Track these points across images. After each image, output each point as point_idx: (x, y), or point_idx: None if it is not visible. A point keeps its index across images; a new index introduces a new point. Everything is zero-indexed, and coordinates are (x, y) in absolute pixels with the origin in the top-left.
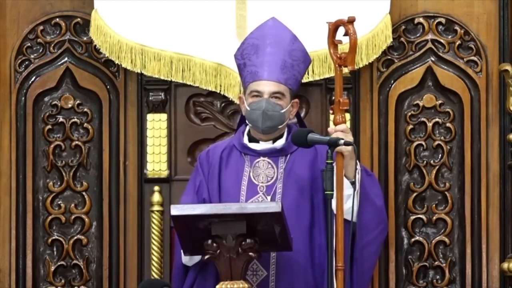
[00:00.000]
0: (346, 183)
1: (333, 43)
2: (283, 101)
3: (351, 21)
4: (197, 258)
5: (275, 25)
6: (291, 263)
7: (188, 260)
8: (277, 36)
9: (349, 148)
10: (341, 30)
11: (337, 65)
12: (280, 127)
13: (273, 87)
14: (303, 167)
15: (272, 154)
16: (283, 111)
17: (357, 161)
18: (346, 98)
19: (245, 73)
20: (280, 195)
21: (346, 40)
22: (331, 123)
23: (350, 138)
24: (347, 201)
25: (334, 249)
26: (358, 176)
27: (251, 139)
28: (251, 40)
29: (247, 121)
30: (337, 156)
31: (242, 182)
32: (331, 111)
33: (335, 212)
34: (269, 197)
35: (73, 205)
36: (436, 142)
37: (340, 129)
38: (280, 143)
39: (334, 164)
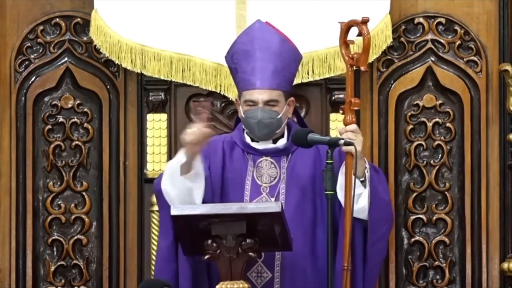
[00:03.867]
0: (356, 182)
1: (345, 43)
2: (278, 107)
3: (365, 21)
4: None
5: (262, 27)
6: (296, 266)
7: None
8: (265, 40)
9: (359, 148)
10: (351, 30)
11: (348, 65)
12: (277, 131)
13: (266, 95)
14: (305, 166)
15: (275, 153)
16: (279, 116)
17: (365, 159)
18: (358, 98)
19: (237, 79)
20: (284, 195)
21: (355, 39)
22: (331, 123)
23: (360, 138)
24: (358, 201)
25: (339, 248)
26: (367, 175)
27: (252, 138)
28: (240, 45)
29: (244, 127)
30: (346, 156)
31: (246, 182)
32: (341, 111)
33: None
34: (272, 199)
35: (73, 205)
36: (436, 142)
37: (350, 129)
38: (282, 142)
39: (334, 164)
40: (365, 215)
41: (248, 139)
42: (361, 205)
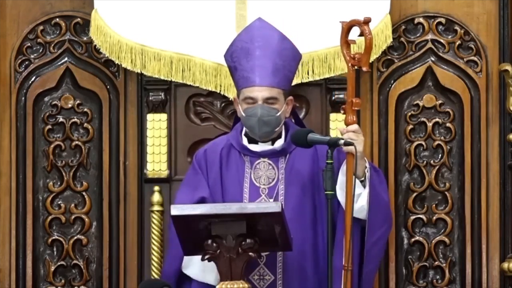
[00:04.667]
0: (356, 182)
1: (346, 43)
2: (277, 104)
3: (367, 21)
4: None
5: (262, 25)
6: (297, 267)
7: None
8: (266, 38)
9: (360, 148)
10: (352, 30)
11: (350, 65)
12: (276, 129)
13: (266, 92)
14: (304, 164)
15: (273, 155)
16: (278, 114)
17: (366, 159)
18: (359, 99)
19: (237, 77)
20: (283, 196)
21: (357, 39)
22: (331, 123)
23: (361, 138)
24: (357, 200)
25: (337, 248)
26: (367, 174)
27: (250, 140)
28: (240, 43)
29: (243, 126)
30: (347, 156)
31: (244, 185)
32: (342, 111)
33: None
34: (271, 200)
35: (73, 205)
36: (436, 142)
37: (351, 129)
38: (280, 143)
39: (334, 164)
40: (363, 215)
41: (245, 141)
42: (360, 204)
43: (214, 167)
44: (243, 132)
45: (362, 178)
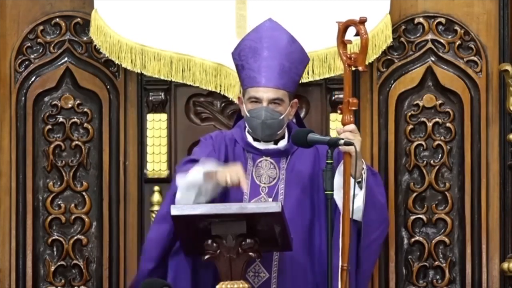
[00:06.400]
0: (352, 182)
1: (342, 42)
2: (281, 107)
3: (362, 21)
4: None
5: (272, 26)
6: (293, 265)
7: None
8: (274, 39)
9: (357, 148)
10: (349, 30)
11: (346, 65)
12: (279, 132)
13: (272, 93)
14: (305, 165)
15: (275, 154)
16: (282, 117)
17: (363, 161)
18: (355, 98)
19: (243, 76)
20: (282, 196)
21: (353, 39)
22: (331, 123)
23: (358, 138)
24: (353, 201)
25: (334, 249)
26: (364, 176)
27: (253, 137)
28: (248, 42)
29: (246, 126)
30: (344, 156)
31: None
32: (339, 111)
33: (341, 211)
34: (270, 199)
35: (73, 205)
36: (436, 142)
37: (348, 129)
38: (283, 143)
39: (334, 164)
40: (359, 216)
41: (249, 138)
42: (356, 205)
43: (221, 152)
44: (247, 130)
45: (359, 179)
